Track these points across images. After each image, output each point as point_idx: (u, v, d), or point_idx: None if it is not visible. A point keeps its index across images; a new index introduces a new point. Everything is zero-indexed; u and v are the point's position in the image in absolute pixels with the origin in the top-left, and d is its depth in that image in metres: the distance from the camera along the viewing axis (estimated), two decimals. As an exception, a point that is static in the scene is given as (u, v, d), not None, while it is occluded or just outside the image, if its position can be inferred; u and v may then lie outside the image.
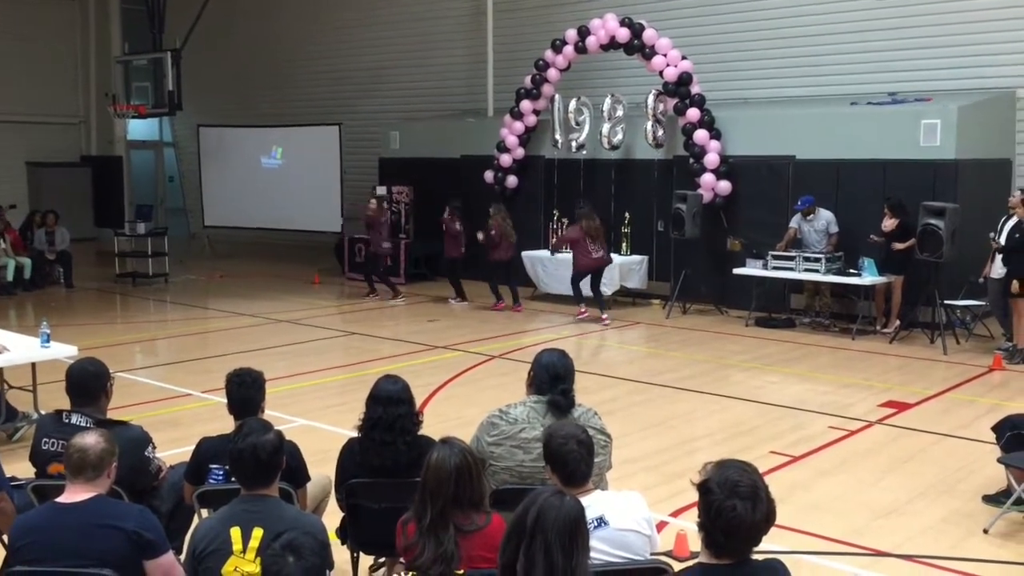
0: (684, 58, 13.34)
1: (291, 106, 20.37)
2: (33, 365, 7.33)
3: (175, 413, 7.95)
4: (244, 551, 3.19)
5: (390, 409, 4.11)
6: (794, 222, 11.95)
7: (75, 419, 4.37)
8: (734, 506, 2.56)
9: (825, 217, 11.74)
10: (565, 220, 14.20)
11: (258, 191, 18.75)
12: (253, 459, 3.33)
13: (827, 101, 13.22)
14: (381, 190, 16.53)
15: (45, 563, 3.29)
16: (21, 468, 4.89)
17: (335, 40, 19.87)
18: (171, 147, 24.09)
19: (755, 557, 2.70)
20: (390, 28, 18.86)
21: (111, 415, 4.63)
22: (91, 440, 3.45)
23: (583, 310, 12.54)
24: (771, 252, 11.83)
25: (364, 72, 19.28)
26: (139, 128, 22.52)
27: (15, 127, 20.76)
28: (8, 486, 4.24)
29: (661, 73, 13.36)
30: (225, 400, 4.42)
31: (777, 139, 12.76)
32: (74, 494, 3.39)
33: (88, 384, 4.47)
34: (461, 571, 3.11)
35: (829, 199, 11.92)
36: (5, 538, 4.26)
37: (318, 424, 7.50)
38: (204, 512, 4.17)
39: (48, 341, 7.27)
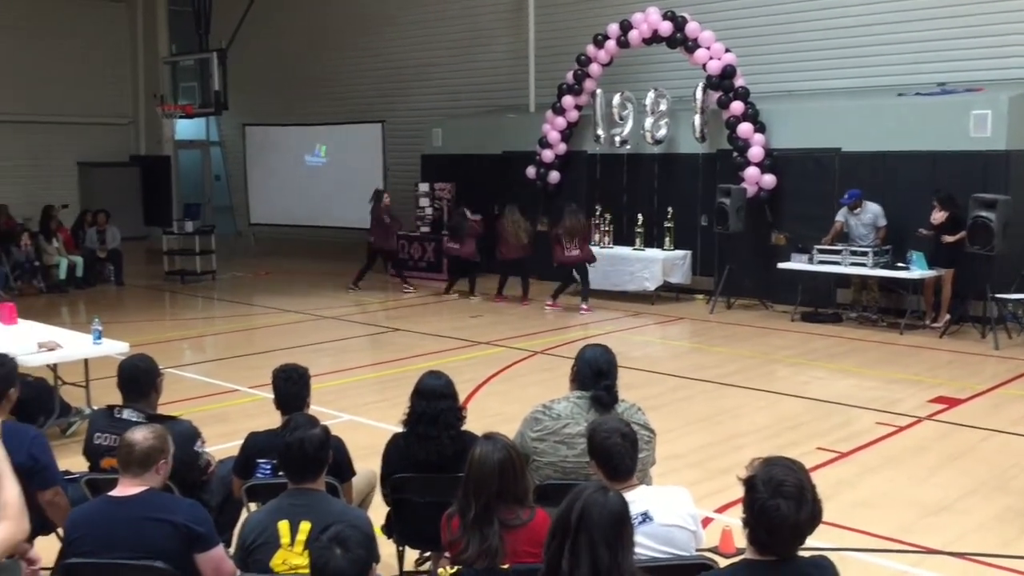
0: (728, 51, 13.22)
1: (334, 104, 20.53)
2: (85, 361, 7.49)
3: (223, 408, 8.06)
4: (292, 544, 3.24)
5: (434, 404, 4.14)
6: (840, 216, 11.78)
7: (126, 414, 4.45)
8: (778, 505, 2.54)
9: (872, 210, 11.57)
10: (608, 215, 14.17)
11: (302, 189, 18.96)
12: (300, 453, 3.38)
13: (874, 92, 13.01)
14: (423, 187, 16.64)
15: (99, 555, 3.36)
16: (74, 462, 4.99)
17: (378, 38, 19.99)
18: (217, 146, 24.42)
19: (802, 554, 2.68)
20: (432, 26, 18.92)
21: (161, 410, 4.71)
22: (140, 436, 3.52)
23: (554, 303, 13.01)
24: (817, 246, 11.68)
25: (407, 70, 19.37)
26: (186, 128, 22.86)
27: (67, 128, 21.19)
28: (62, 480, 4.34)
29: (704, 66, 13.25)
30: (271, 396, 4.48)
31: (823, 131, 12.60)
32: (126, 488, 3.46)
33: (139, 380, 4.55)
34: (506, 565, 3.12)
35: (876, 192, 11.74)
36: (60, 531, 4.37)
37: (363, 419, 7.56)
38: (252, 506, 4.23)
39: (100, 338, 7.41)
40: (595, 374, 4.12)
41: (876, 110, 12.33)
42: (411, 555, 4.60)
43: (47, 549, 4.46)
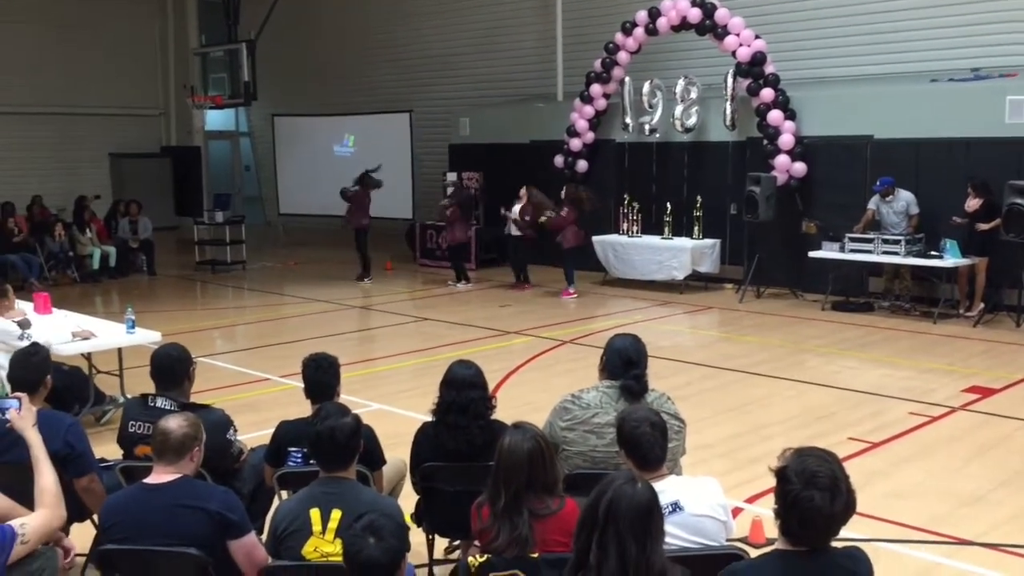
0: (757, 37, 13.09)
1: (363, 94, 20.58)
2: (119, 350, 7.58)
3: (254, 397, 8.13)
4: (324, 532, 3.26)
5: (464, 393, 4.14)
6: (872, 203, 11.66)
7: (160, 403, 4.50)
8: (812, 497, 2.52)
9: (905, 198, 11.43)
10: (636, 204, 14.11)
11: (331, 179, 18.98)
12: (331, 442, 3.39)
13: (906, 78, 12.84)
14: (451, 176, 16.65)
15: (133, 542, 3.40)
16: (109, 450, 5.05)
17: (405, 28, 19.99)
18: (247, 137, 24.57)
19: (834, 544, 2.66)
20: (460, 14, 18.90)
21: (193, 399, 4.76)
22: (174, 424, 3.55)
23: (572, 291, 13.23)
24: (848, 234, 11.57)
25: (434, 59, 19.36)
26: (216, 118, 23.01)
27: (99, 119, 21.42)
28: (97, 467, 4.40)
29: (734, 53, 13.13)
30: (302, 385, 4.51)
31: (854, 118, 12.45)
32: (160, 475, 3.50)
33: (172, 368, 4.59)
34: (535, 555, 3.12)
35: (909, 179, 11.59)
36: (95, 517, 4.43)
37: (392, 408, 7.59)
38: (284, 494, 4.27)
39: (133, 327, 7.49)
40: (625, 363, 4.10)
41: (909, 96, 12.17)
42: (440, 543, 4.63)
43: (82, 536, 4.53)
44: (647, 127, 14.24)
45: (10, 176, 19.05)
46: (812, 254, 12.04)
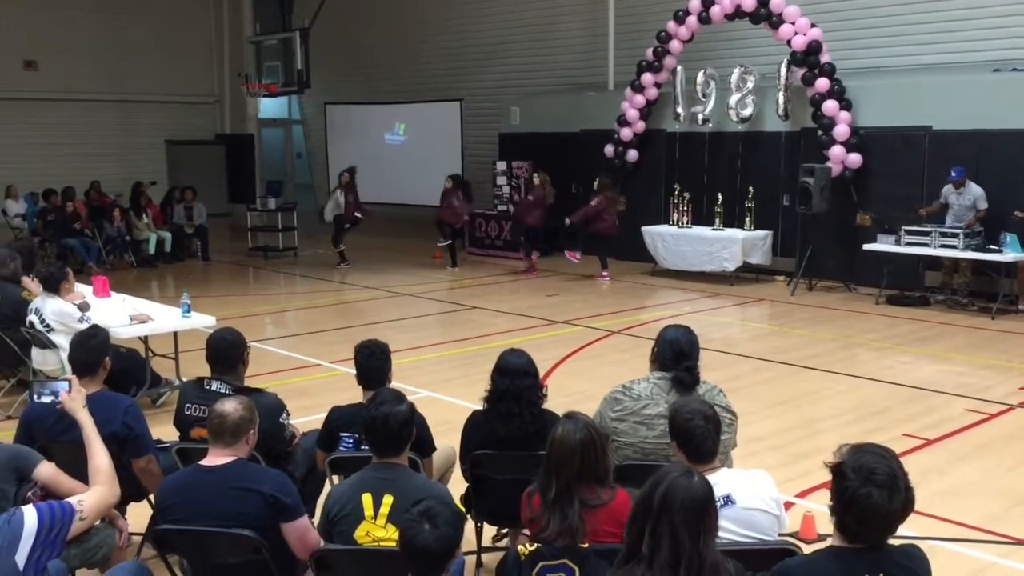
0: (813, 26, 12.87)
1: (414, 83, 20.63)
2: (175, 334, 7.71)
3: (304, 382, 8.22)
4: (375, 517, 3.29)
5: (516, 381, 4.15)
6: (944, 192, 11.39)
7: (215, 386, 4.57)
8: (869, 494, 2.49)
9: (974, 191, 11.16)
10: (687, 194, 13.99)
11: (381, 167, 19.13)
12: (385, 428, 3.42)
13: (967, 68, 12.52)
14: (501, 165, 16.66)
15: (189, 522, 3.46)
16: (164, 432, 5.15)
17: (456, 16, 20.00)
18: (299, 124, 24.80)
19: (891, 542, 2.62)
20: (511, 2, 18.85)
21: (246, 383, 4.82)
22: (230, 407, 3.60)
23: (605, 274, 13.57)
24: (904, 227, 11.35)
25: (485, 47, 19.35)
26: (269, 106, 23.27)
27: (155, 107, 21.80)
28: (155, 449, 4.49)
29: (789, 42, 12.93)
30: (352, 370, 4.55)
31: (912, 109, 12.20)
32: (216, 458, 3.55)
33: (227, 352, 4.66)
34: (586, 544, 3.12)
35: (969, 172, 11.30)
36: (151, 497, 4.52)
37: (440, 396, 7.63)
38: (335, 478, 4.31)
39: (189, 311, 7.62)
40: (676, 355, 4.08)
41: (969, 86, 11.89)
42: (488, 531, 4.65)
43: (139, 515, 4.64)
44: (700, 117, 14.10)
45: (69, 161, 19.51)
46: (867, 247, 11.84)
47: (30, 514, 2.94)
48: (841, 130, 12.46)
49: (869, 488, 2.48)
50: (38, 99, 20.00)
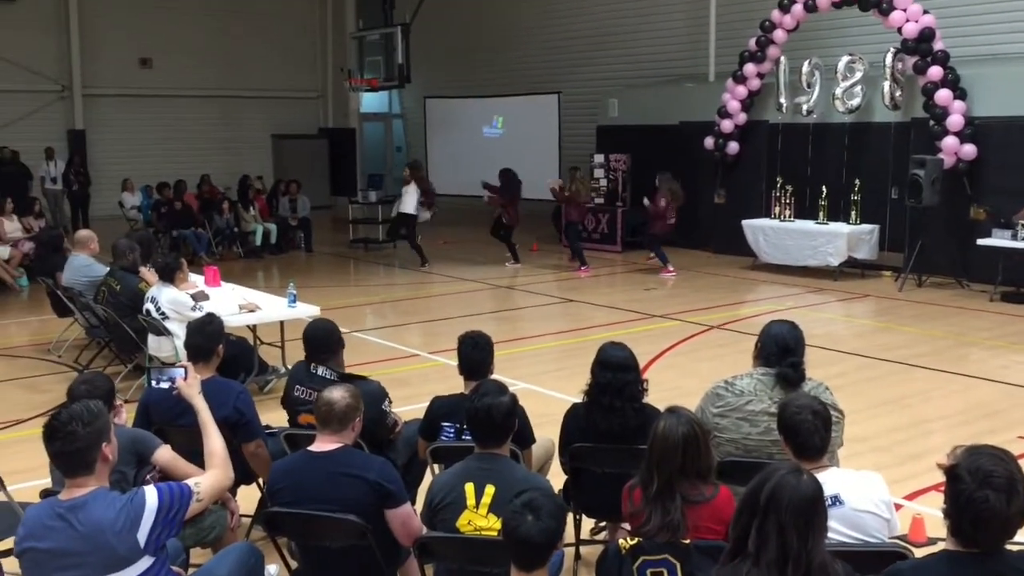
0: (926, 12, 12.41)
1: (512, 76, 20.70)
2: (281, 323, 7.94)
3: (404, 372, 8.36)
4: (477, 506, 3.33)
5: (619, 375, 4.13)
6: None
7: (321, 371, 4.70)
8: (986, 497, 2.40)
9: None
10: (789, 187, 13.69)
11: (480, 160, 19.26)
12: (488, 419, 3.46)
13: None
14: (599, 158, 16.58)
15: (297, 505, 3.57)
16: (271, 417, 5.31)
17: (554, 8, 19.99)
18: (399, 119, 25.17)
19: (1009, 548, 2.53)
20: (610, -7, 18.74)
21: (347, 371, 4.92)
22: (338, 395, 3.69)
23: (671, 269, 13.43)
24: (1021, 221, 10.87)
25: (583, 39, 19.28)
26: (371, 101, 23.69)
27: (262, 102, 22.46)
28: (264, 433, 4.63)
29: (899, 29, 12.50)
30: (450, 361, 4.59)
31: (1031, 98, 11.67)
32: (323, 444, 3.65)
33: (326, 340, 4.80)
34: (687, 540, 3.10)
35: (1093, 163, 10.79)
36: (260, 481, 4.68)
37: (538, 388, 7.65)
38: (436, 467, 4.38)
39: (294, 301, 7.83)
40: (781, 351, 4.01)
41: (1095, 73, 11.30)
42: (586, 524, 4.65)
43: (248, 498, 4.80)
44: (804, 107, 13.76)
45: (180, 155, 20.28)
46: (981, 241, 11.39)
47: (151, 494, 3.07)
48: (955, 120, 12.00)
49: (986, 491, 2.40)
50: (153, 95, 20.87)
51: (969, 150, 11.98)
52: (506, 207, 14.44)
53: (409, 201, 14.54)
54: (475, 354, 4.43)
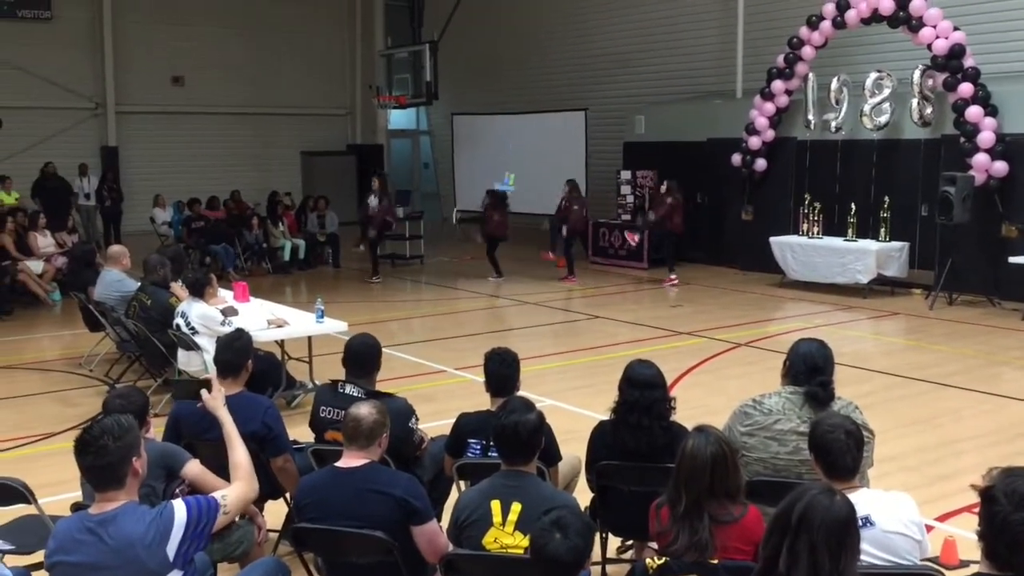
0: (956, 29, 12.32)
1: (539, 93, 20.77)
2: (309, 338, 7.99)
3: (430, 388, 8.37)
4: (503, 524, 3.33)
5: (647, 393, 4.11)
6: None
7: (348, 389, 4.72)
8: (1022, 520, 2.36)
9: None
10: (817, 204, 13.61)
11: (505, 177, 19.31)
12: (514, 436, 3.45)
13: None
14: (625, 175, 16.57)
15: (324, 521, 3.58)
16: (299, 432, 5.32)
17: (580, 25, 20.05)
18: (427, 135, 25.30)
19: (1044, 572, 2.48)
20: (637, 10, 18.76)
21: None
22: (365, 411, 3.70)
23: (674, 278, 14.00)
24: (1055, 239, 10.75)
25: (610, 56, 19.32)
26: (399, 117, 23.85)
27: (291, 119, 22.70)
28: (291, 448, 4.65)
29: (929, 46, 12.42)
30: (477, 377, 4.59)
31: (1065, 115, 11.54)
32: (350, 460, 3.65)
33: (366, 356, 4.81)
34: (715, 560, 3.08)
35: None
36: (287, 496, 4.69)
37: (564, 404, 7.63)
38: (462, 484, 4.37)
39: (322, 317, 7.87)
40: (810, 369, 3.98)
41: None
42: (613, 542, 4.62)
43: (276, 513, 4.81)
44: (832, 124, 13.69)
45: (211, 171, 20.52)
46: (1012, 259, 11.27)
47: (180, 508, 3.09)
48: (986, 137, 11.89)
49: (1022, 514, 2.37)
50: (184, 112, 21.14)
51: (1000, 167, 11.86)
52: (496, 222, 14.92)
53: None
54: (502, 370, 4.43)
